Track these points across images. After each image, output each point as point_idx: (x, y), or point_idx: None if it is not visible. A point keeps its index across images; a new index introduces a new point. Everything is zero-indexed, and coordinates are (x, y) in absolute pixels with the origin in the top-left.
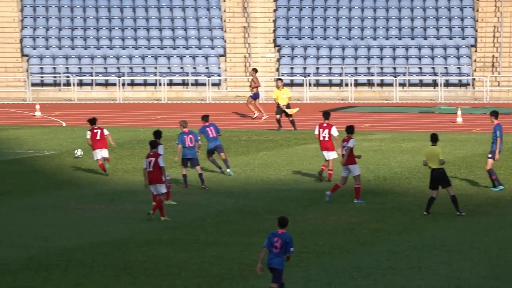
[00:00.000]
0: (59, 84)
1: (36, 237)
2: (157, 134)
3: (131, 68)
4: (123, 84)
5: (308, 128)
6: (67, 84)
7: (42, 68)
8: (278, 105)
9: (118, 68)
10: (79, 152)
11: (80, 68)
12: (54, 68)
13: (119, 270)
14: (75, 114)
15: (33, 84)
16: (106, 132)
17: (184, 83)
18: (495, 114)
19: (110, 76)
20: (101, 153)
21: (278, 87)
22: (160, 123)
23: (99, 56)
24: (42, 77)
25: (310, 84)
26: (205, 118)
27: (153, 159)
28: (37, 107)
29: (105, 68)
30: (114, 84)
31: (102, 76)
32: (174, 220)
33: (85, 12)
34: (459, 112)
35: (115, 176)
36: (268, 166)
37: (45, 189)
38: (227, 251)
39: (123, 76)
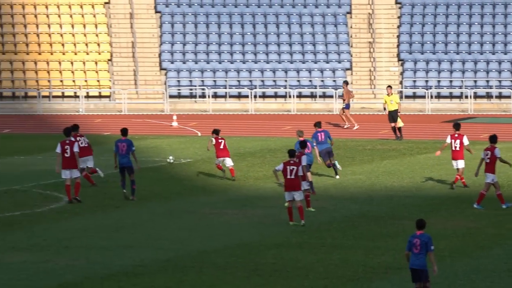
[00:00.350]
0: (195, 96)
1: (173, 240)
2: (303, 144)
3: (262, 81)
4: (255, 96)
5: (430, 138)
6: (203, 96)
7: (179, 81)
8: (388, 114)
9: (251, 81)
10: (171, 159)
11: (214, 81)
12: (190, 81)
13: (250, 272)
14: (209, 124)
15: (171, 96)
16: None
17: (312, 95)
18: None
19: (243, 88)
20: (224, 162)
21: (388, 94)
22: (290, 133)
23: (233, 70)
24: (179, 89)
25: (431, 96)
26: (318, 124)
27: (295, 167)
28: (174, 117)
29: (238, 81)
30: (247, 96)
31: (235, 88)
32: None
33: (220, 29)
34: None
35: (247, 183)
36: (392, 174)
37: (181, 195)
38: (352, 254)
39: (255, 88)
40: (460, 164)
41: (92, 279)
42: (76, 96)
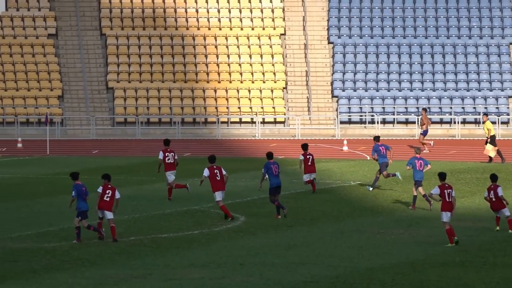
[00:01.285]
0: (364, 122)
1: (342, 258)
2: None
3: (429, 107)
4: None
5: None
6: (372, 122)
7: (349, 108)
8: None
9: (417, 108)
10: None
11: (383, 108)
12: (360, 108)
13: None
14: None
15: (342, 122)
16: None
17: (476, 122)
18: None
19: (410, 115)
20: (311, 176)
21: (484, 122)
22: (455, 157)
23: (401, 97)
24: (349, 115)
25: None
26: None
27: (451, 190)
28: (345, 142)
29: (406, 108)
30: (414, 122)
31: (403, 115)
32: (465, 243)
33: (389, 58)
34: None
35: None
36: None
37: (351, 215)
38: None
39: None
40: None
41: None
42: (252, 122)
